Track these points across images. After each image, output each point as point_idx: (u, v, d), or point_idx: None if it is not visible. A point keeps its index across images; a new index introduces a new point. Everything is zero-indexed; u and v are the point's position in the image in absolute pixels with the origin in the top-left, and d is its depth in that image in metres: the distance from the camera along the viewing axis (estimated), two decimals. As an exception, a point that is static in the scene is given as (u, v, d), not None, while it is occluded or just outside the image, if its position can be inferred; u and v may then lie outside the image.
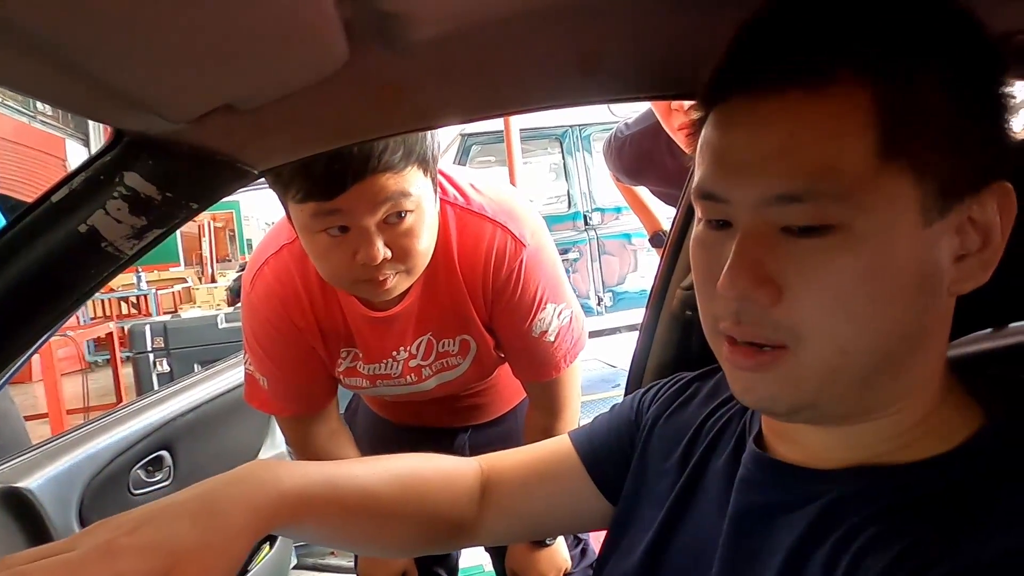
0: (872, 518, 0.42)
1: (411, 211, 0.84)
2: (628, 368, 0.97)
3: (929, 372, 0.45)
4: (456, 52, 0.57)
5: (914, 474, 0.42)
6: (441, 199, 0.95)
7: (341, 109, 0.61)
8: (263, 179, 0.73)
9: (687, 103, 1.52)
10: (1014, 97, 0.42)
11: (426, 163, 0.85)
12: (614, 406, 0.69)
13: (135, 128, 0.56)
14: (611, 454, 0.64)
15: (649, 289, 0.96)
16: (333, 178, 0.78)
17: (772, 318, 0.41)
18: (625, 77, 0.69)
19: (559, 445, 0.67)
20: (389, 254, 0.84)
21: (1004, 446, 0.42)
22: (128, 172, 0.58)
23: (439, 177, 0.93)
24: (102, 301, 7.92)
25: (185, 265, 9.57)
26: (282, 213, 0.92)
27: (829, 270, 0.40)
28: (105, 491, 1.26)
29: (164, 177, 0.59)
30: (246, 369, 1.09)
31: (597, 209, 5.61)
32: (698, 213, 0.47)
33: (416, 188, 0.84)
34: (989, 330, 0.61)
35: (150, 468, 1.38)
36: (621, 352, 4.78)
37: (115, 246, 0.61)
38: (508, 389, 1.26)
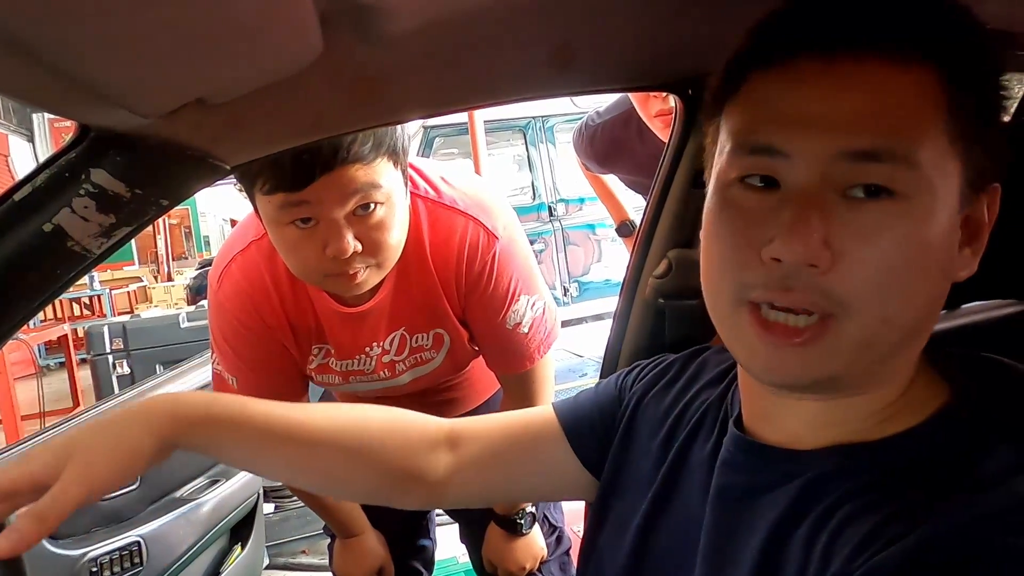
0: (848, 495, 0.43)
1: (381, 203, 0.84)
2: (602, 357, 0.98)
3: (918, 350, 0.46)
4: (431, 45, 0.57)
5: (885, 449, 0.44)
6: (412, 193, 0.94)
7: (315, 103, 0.61)
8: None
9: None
10: (1010, 97, 0.44)
11: (396, 155, 0.85)
12: (599, 383, 0.70)
13: (102, 123, 0.54)
14: (594, 429, 0.65)
15: (622, 278, 0.97)
16: (301, 169, 0.77)
17: (824, 285, 0.40)
18: (598, 69, 0.70)
19: (541, 414, 0.68)
20: (359, 247, 0.84)
21: (968, 419, 0.44)
22: (95, 169, 0.56)
23: (409, 171, 0.93)
24: (53, 302, 7.63)
25: (140, 264, 9.29)
26: (241, 210, 0.90)
27: (887, 238, 0.40)
28: (70, 497, 1.23)
29: (133, 174, 0.58)
30: (214, 369, 1.07)
31: (562, 200, 5.63)
32: (729, 174, 0.44)
33: (386, 180, 0.83)
34: (943, 311, 0.64)
35: (116, 472, 1.35)
36: (588, 341, 4.83)
37: (82, 245, 0.59)
38: (481, 382, 1.26)
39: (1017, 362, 0.50)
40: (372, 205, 0.83)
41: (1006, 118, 0.45)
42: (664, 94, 1.47)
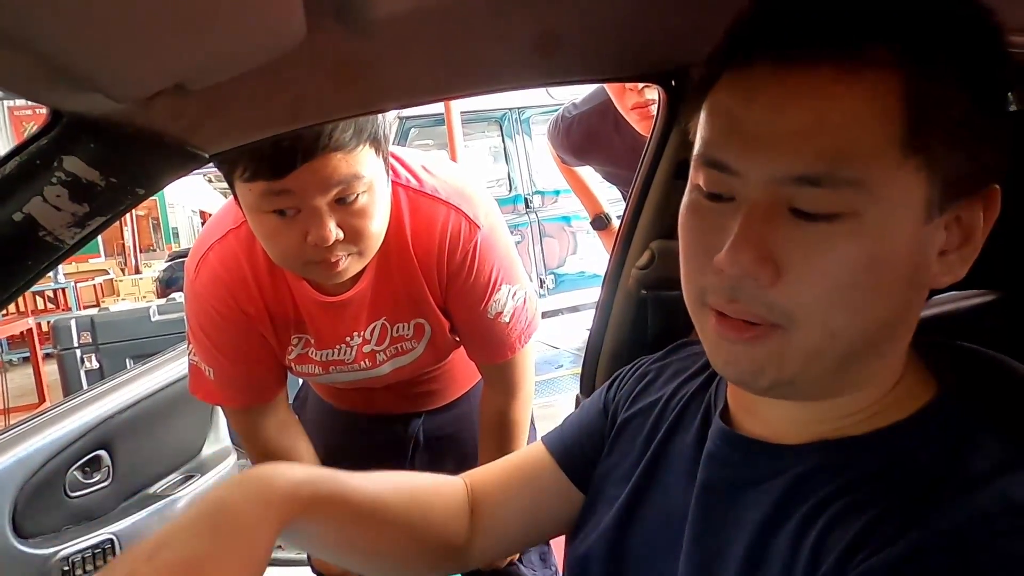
0: (836, 493, 0.43)
1: (363, 191, 0.83)
2: (578, 348, 0.98)
3: (897, 355, 0.46)
4: (415, 31, 0.57)
5: (871, 445, 0.44)
6: (393, 182, 0.93)
7: (297, 89, 0.60)
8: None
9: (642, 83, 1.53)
10: (1014, 101, 0.42)
11: (378, 142, 0.84)
12: (583, 404, 0.70)
13: (76, 109, 0.53)
14: (584, 450, 0.64)
15: (603, 270, 0.97)
16: (282, 156, 0.76)
17: (767, 298, 0.41)
18: (582, 60, 0.70)
19: (534, 451, 0.67)
20: (341, 235, 0.83)
21: (954, 414, 0.44)
22: (68, 156, 0.54)
23: (391, 160, 0.92)
24: (16, 296, 7.41)
25: (106, 256, 9.08)
26: (211, 202, 0.89)
27: (833, 256, 0.39)
28: (40, 495, 1.20)
29: (108, 161, 0.56)
30: (190, 360, 1.05)
31: (538, 192, 5.63)
32: (696, 180, 0.44)
33: (368, 168, 0.82)
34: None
35: (87, 469, 1.32)
36: (564, 333, 4.85)
37: (55, 235, 0.57)
38: (462, 373, 1.26)
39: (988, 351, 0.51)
40: (354, 193, 0.82)
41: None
42: (640, 87, 1.48)
